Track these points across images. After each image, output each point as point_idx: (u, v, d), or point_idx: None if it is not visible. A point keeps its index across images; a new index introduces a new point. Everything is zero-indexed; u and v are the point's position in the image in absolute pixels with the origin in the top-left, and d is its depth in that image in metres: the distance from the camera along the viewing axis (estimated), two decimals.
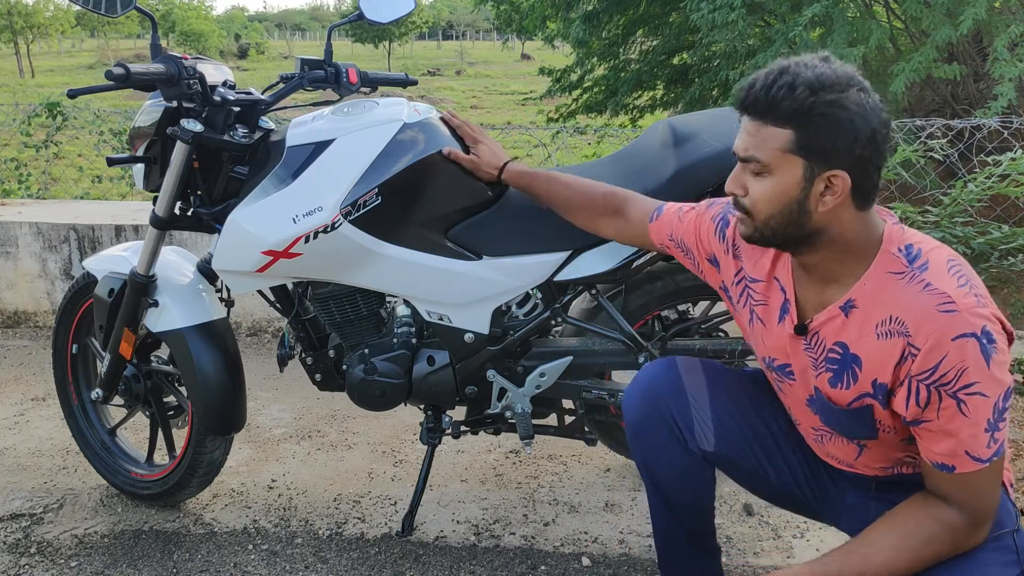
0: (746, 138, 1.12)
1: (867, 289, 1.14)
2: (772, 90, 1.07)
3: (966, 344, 1.05)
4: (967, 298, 1.07)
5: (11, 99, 12.12)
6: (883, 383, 1.15)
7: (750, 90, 1.10)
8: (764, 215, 1.14)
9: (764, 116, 1.09)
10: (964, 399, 1.07)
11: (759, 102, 1.09)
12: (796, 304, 1.25)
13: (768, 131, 1.09)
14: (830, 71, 1.08)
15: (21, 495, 2.18)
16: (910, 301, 1.09)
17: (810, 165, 1.09)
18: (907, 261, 1.12)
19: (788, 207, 1.12)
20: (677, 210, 1.49)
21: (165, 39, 31.72)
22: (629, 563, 1.85)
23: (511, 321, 1.86)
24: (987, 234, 3.26)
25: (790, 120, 1.07)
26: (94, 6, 1.73)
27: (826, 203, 1.11)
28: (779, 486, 1.43)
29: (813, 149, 1.08)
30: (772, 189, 1.12)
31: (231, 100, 1.76)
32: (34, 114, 5.29)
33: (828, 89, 1.06)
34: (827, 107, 1.06)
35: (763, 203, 1.13)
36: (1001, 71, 3.79)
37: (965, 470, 1.10)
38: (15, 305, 3.56)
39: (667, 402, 1.40)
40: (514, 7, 8.12)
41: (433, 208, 1.74)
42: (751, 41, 5.14)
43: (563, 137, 4.93)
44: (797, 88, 1.06)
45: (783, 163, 1.10)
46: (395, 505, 2.11)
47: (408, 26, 31.61)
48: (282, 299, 1.94)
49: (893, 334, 1.11)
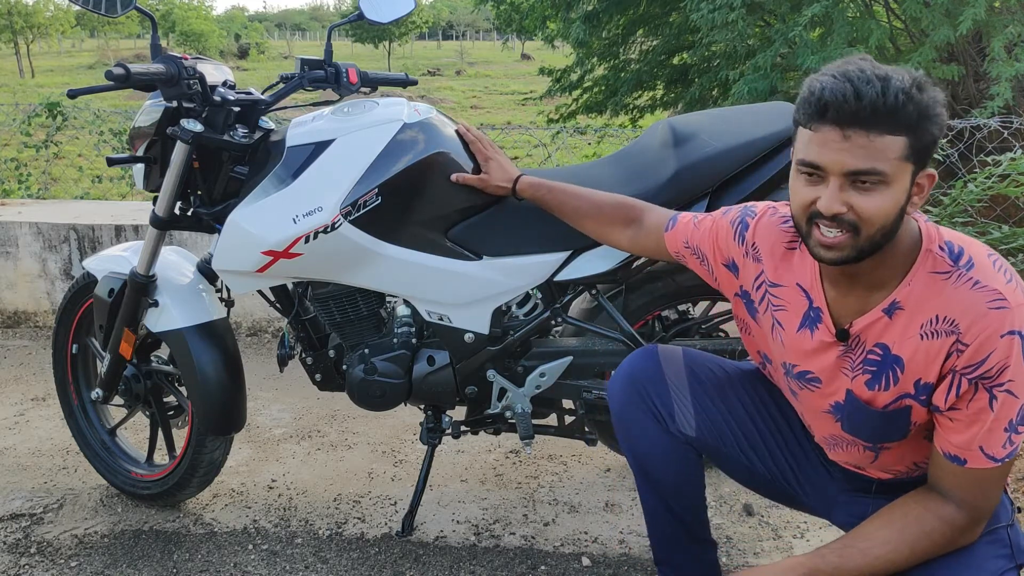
0: (856, 151, 1.03)
1: (912, 290, 1.12)
2: (887, 97, 1.00)
3: (1013, 341, 1.05)
4: (1016, 293, 1.07)
5: (11, 99, 12.12)
6: (928, 383, 1.13)
7: (859, 102, 1.01)
8: (874, 228, 1.06)
9: (879, 126, 1.02)
10: (997, 394, 1.07)
11: (875, 112, 1.01)
12: (829, 310, 1.21)
13: (884, 141, 1.02)
14: (904, 70, 1.04)
15: (21, 495, 2.19)
16: (960, 300, 1.08)
17: (916, 168, 1.05)
18: (951, 260, 1.10)
19: (896, 215, 1.07)
20: (692, 218, 1.48)
21: (165, 39, 31.72)
22: (629, 563, 1.85)
23: (511, 321, 1.86)
24: (987, 234, 3.26)
25: (908, 126, 1.02)
26: (94, 6, 1.73)
27: (915, 204, 1.08)
28: (768, 477, 1.43)
29: (921, 152, 1.04)
30: (890, 200, 1.05)
31: (231, 100, 1.76)
32: (34, 114, 5.29)
33: (928, 88, 1.03)
34: (937, 107, 1.03)
35: (880, 216, 1.05)
36: (998, 71, 3.79)
37: (976, 466, 1.10)
38: (15, 305, 3.57)
39: (648, 389, 1.42)
40: (514, 7, 8.11)
41: (433, 208, 1.74)
42: (751, 41, 5.14)
43: (563, 137, 4.93)
44: (912, 93, 1.01)
45: (900, 171, 1.04)
46: (395, 505, 2.11)
47: (408, 26, 31.60)
48: (282, 299, 1.94)
49: (940, 334, 1.09)
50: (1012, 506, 1.24)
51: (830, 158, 1.04)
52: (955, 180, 3.46)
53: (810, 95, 1.06)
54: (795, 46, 4.42)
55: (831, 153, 1.04)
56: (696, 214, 1.49)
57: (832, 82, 1.03)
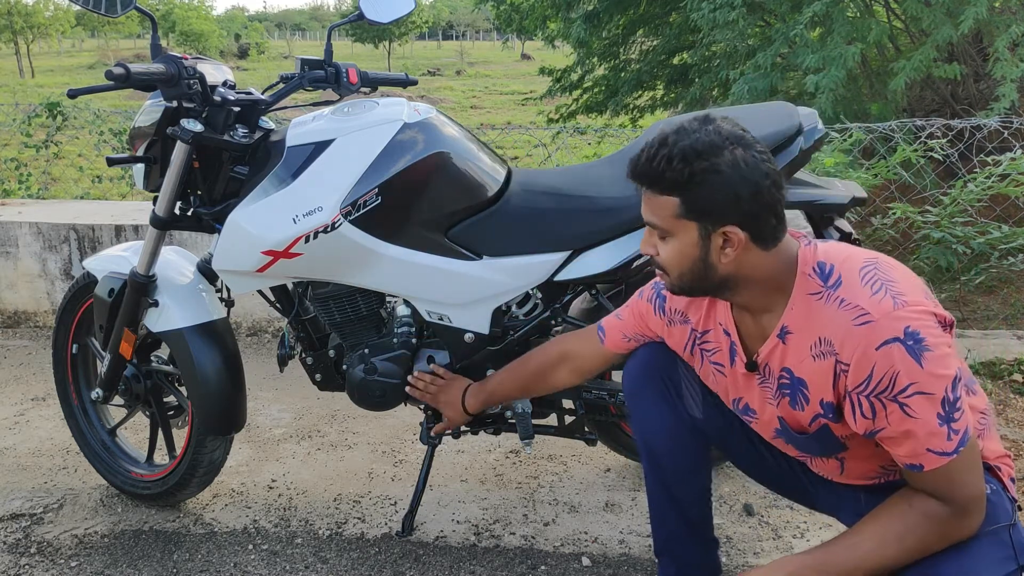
0: (644, 206, 1.21)
1: (795, 314, 1.20)
2: (653, 163, 1.15)
3: (891, 350, 1.08)
4: (882, 304, 1.10)
5: (11, 99, 12.12)
6: (829, 401, 1.19)
7: (636, 164, 1.18)
8: (675, 273, 1.22)
9: (652, 187, 1.18)
10: (905, 402, 1.09)
11: (645, 175, 1.17)
12: (741, 342, 1.31)
13: (659, 200, 1.17)
14: (705, 136, 1.14)
15: (21, 495, 2.18)
16: (830, 321, 1.14)
17: (703, 226, 1.16)
18: (821, 281, 1.17)
19: (694, 264, 1.19)
20: (614, 317, 1.56)
21: (165, 39, 31.71)
22: (629, 563, 1.85)
23: (511, 321, 1.86)
24: (987, 234, 3.26)
25: (674, 189, 1.15)
26: (94, 6, 1.73)
27: (728, 255, 1.18)
28: (777, 470, 1.46)
29: (700, 212, 1.15)
30: (676, 250, 1.20)
31: (231, 100, 1.76)
32: (34, 114, 5.28)
33: (702, 156, 1.13)
34: (703, 174, 1.13)
35: (671, 263, 1.22)
36: (1002, 71, 3.79)
37: (933, 466, 1.12)
38: (15, 305, 3.57)
39: (659, 371, 1.47)
40: (514, 7, 8.11)
41: (433, 208, 1.74)
42: (751, 41, 5.14)
43: (563, 137, 4.93)
44: (674, 160, 1.13)
45: (678, 227, 1.17)
46: (395, 505, 2.11)
47: (408, 26, 31.60)
48: (282, 299, 1.94)
49: (824, 355, 1.16)
50: (1014, 505, 1.24)
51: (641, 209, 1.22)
52: (955, 180, 3.47)
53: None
54: (795, 45, 4.42)
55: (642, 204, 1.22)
56: (614, 312, 1.56)
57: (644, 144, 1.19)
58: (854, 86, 4.83)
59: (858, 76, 4.95)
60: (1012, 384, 2.68)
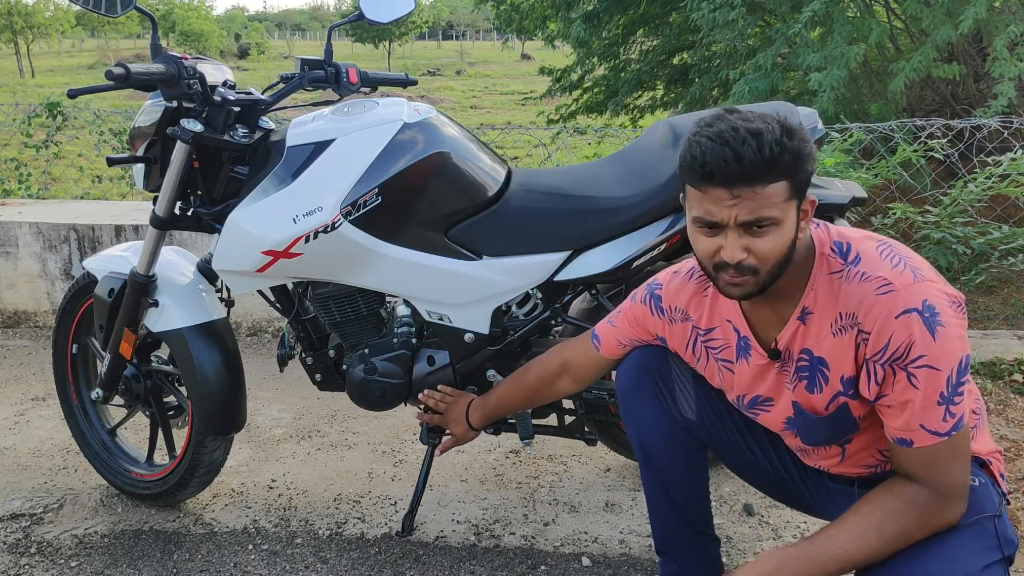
0: (745, 205, 1.11)
1: (816, 294, 1.20)
2: (763, 152, 1.09)
3: (909, 319, 1.10)
4: (903, 275, 1.13)
5: (11, 99, 12.12)
6: (849, 377, 1.20)
7: (739, 163, 1.09)
8: (771, 264, 1.16)
9: (760, 179, 1.10)
10: (913, 372, 1.11)
11: (756, 167, 1.09)
12: (755, 335, 1.30)
13: (767, 190, 1.11)
14: (768, 117, 1.13)
15: (21, 495, 2.18)
16: (854, 294, 1.16)
17: (798, 202, 1.15)
18: (842, 259, 1.19)
19: (788, 247, 1.16)
20: (607, 323, 1.55)
21: (165, 39, 31.72)
22: (629, 563, 1.85)
23: (511, 321, 1.86)
24: (987, 234, 3.26)
25: (786, 172, 1.11)
26: (94, 6, 1.73)
27: (803, 229, 1.18)
28: (772, 473, 1.46)
29: (801, 187, 1.14)
30: (781, 237, 1.14)
31: (231, 100, 1.76)
32: (34, 114, 5.28)
33: (794, 132, 1.12)
34: (806, 145, 1.12)
35: (775, 253, 1.15)
36: (1001, 70, 3.79)
37: (923, 444, 1.13)
38: (15, 305, 3.57)
39: (653, 373, 1.47)
40: (514, 7, 8.11)
41: (433, 208, 1.74)
42: (751, 41, 5.14)
43: (563, 137, 4.92)
44: (783, 142, 1.10)
45: (786, 211, 1.13)
46: (395, 505, 2.11)
47: (408, 26, 31.59)
48: (282, 299, 1.94)
49: (846, 329, 1.17)
50: (1000, 496, 1.24)
51: (724, 214, 1.13)
52: (955, 180, 3.47)
53: (692, 161, 1.13)
54: (795, 45, 4.43)
55: (724, 210, 1.13)
56: (607, 318, 1.56)
57: (711, 147, 1.11)
58: (854, 86, 4.83)
59: (858, 76, 4.95)
60: (1012, 384, 2.69)
